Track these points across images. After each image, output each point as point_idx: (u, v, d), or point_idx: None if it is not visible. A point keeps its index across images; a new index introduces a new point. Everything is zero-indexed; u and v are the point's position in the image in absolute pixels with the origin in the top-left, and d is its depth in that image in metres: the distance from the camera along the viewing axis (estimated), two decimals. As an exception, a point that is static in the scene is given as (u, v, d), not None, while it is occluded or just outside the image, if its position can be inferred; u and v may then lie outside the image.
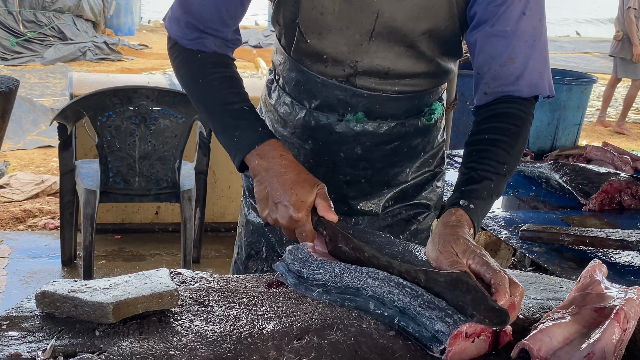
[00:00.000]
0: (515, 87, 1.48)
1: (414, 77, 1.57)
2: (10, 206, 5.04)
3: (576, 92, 3.23)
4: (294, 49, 1.58)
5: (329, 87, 1.58)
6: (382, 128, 1.62)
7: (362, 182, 1.67)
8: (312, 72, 1.58)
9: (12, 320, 1.18)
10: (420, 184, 1.73)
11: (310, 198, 1.40)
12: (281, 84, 1.68)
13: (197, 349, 1.12)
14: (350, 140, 1.62)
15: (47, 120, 7.10)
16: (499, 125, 1.46)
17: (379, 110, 1.59)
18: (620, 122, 9.30)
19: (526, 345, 1.18)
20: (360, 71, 1.55)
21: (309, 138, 1.65)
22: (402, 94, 1.59)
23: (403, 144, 1.66)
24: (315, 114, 1.62)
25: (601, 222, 2.32)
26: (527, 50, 1.47)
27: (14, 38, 11.95)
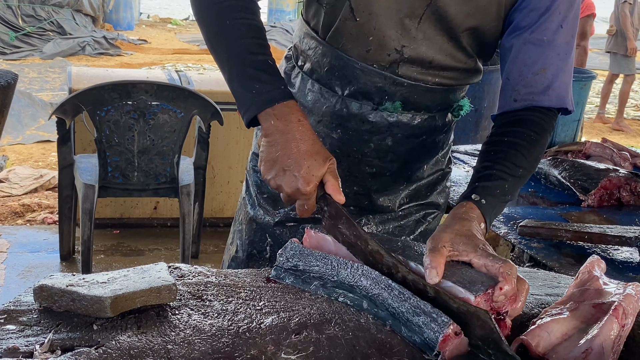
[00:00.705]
0: (544, 97, 1.49)
1: (453, 70, 1.56)
2: (9, 200, 5.04)
3: (575, 88, 3.21)
4: (334, 30, 1.51)
5: (369, 74, 1.53)
6: (416, 120, 1.60)
7: (387, 175, 1.65)
8: (350, 58, 1.53)
9: (10, 314, 1.17)
10: (432, 183, 1.74)
11: (320, 172, 1.33)
12: (307, 70, 1.61)
13: (195, 343, 1.12)
14: (382, 131, 1.59)
15: (45, 114, 7.10)
16: (520, 130, 1.47)
17: (415, 100, 1.57)
18: (618, 119, 9.30)
19: (524, 340, 1.18)
20: (406, 57, 1.51)
21: (338, 127, 1.60)
22: (439, 86, 1.57)
23: (429, 139, 1.65)
24: (348, 102, 1.57)
25: (600, 218, 2.32)
26: (559, 63, 1.48)
27: (13, 32, 11.95)
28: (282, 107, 1.37)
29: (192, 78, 4.63)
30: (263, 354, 1.11)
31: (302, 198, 1.34)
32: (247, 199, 1.78)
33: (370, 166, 1.64)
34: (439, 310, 1.15)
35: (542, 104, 1.49)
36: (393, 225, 1.71)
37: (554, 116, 1.52)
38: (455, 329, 1.13)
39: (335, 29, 1.52)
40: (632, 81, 9.37)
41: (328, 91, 1.59)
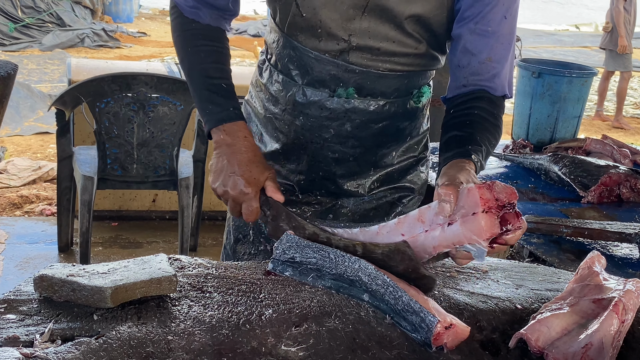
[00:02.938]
0: (491, 84, 1.58)
1: (402, 56, 1.61)
2: (7, 192, 5.04)
3: (576, 84, 3.22)
4: (288, 24, 1.61)
5: (322, 62, 1.61)
6: (372, 106, 1.65)
7: (351, 160, 1.71)
8: (305, 48, 1.62)
9: (10, 304, 1.17)
10: (405, 169, 1.78)
11: (262, 177, 1.52)
12: (273, 62, 1.71)
13: (195, 334, 1.12)
14: (340, 117, 1.66)
15: (44, 106, 7.08)
16: (484, 107, 1.56)
17: (369, 87, 1.63)
18: (618, 116, 9.30)
19: (524, 335, 1.18)
20: (354, 46, 1.58)
21: (300, 114, 1.68)
22: (392, 72, 1.63)
23: (391, 125, 1.70)
24: (307, 90, 1.65)
25: (600, 215, 2.32)
26: (503, 52, 1.57)
27: (12, 24, 11.91)
28: (231, 125, 1.57)
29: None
30: (263, 346, 1.11)
31: (246, 200, 1.50)
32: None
33: (333, 152, 1.70)
34: (426, 310, 1.16)
35: (489, 90, 1.58)
36: (368, 207, 1.76)
37: (502, 101, 1.61)
38: (444, 324, 1.13)
39: (289, 23, 1.61)
40: (629, 78, 9.35)
41: (290, 81, 1.68)
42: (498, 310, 1.28)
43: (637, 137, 8.64)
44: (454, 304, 1.28)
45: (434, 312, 1.15)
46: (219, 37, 1.66)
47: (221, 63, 1.64)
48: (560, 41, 17.00)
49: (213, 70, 1.62)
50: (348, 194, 1.74)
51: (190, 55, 1.63)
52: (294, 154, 1.72)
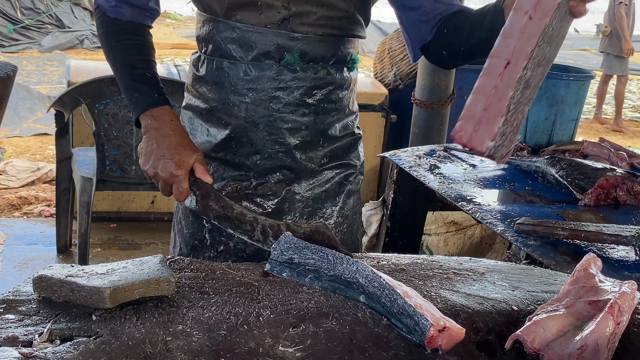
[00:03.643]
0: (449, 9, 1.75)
1: (336, 19, 1.75)
2: (6, 193, 5.04)
3: (574, 87, 3.23)
4: (227, 7, 1.71)
5: (265, 35, 1.72)
6: (315, 72, 1.78)
7: (303, 129, 1.81)
8: (246, 24, 1.72)
9: (9, 304, 1.18)
10: (346, 147, 1.91)
11: (190, 160, 1.62)
12: (210, 52, 1.79)
13: (193, 335, 1.13)
14: (289, 85, 1.77)
15: (43, 107, 7.09)
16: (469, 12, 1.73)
17: (312, 52, 1.76)
18: (617, 119, 9.31)
19: (520, 336, 1.19)
20: (294, 11, 1.70)
21: (248, 91, 1.77)
22: (329, 36, 1.77)
23: (333, 92, 1.83)
24: (253, 65, 1.75)
25: (597, 217, 2.33)
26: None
27: (12, 25, 11.91)
28: (158, 110, 1.68)
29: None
30: (261, 347, 1.12)
31: (176, 181, 1.61)
32: None
33: (286, 121, 1.79)
34: (419, 313, 1.16)
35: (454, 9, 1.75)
36: (319, 191, 1.87)
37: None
38: (437, 327, 1.14)
39: (226, 6, 1.71)
40: (626, 82, 9.37)
41: (233, 62, 1.76)
42: (494, 311, 1.29)
43: (634, 140, 8.66)
44: (451, 306, 1.29)
45: (428, 315, 1.16)
46: (141, 31, 1.77)
47: (144, 55, 1.74)
48: (559, 44, 16.99)
49: (136, 62, 1.72)
50: (302, 168, 1.83)
51: (115, 49, 1.74)
52: (246, 134, 1.79)
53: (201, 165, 1.64)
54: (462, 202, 2.42)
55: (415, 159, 2.85)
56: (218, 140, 1.81)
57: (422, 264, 1.54)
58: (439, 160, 2.89)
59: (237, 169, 1.82)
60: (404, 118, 4.76)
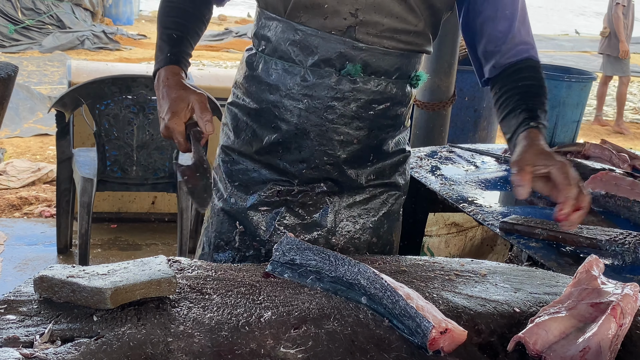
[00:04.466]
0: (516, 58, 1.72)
1: (404, 33, 1.67)
2: (7, 193, 5.04)
3: (575, 89, 3.23)
4: (291, 7, 1.63)
5: (329, 41, 1.64)
6: (376, 85, 1.70)
7: (355, 143, 1.74)
8: (309, 28, 1.64)
9: (10, 304, 1.18)
10: (395, 164, 1.84)
11: (181, 108, 1.57)
12: (269, 51, 1.72)
13: (195, 336, 1.13)
14: (346, 96, 1.69)
15: (44, 108, 7.09)
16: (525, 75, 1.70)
17: (374, 64, 1.67)
18: (618, 121, 9.31)
19: (522, 338, 1.18)
20: (360, 20, 1.62)
21: (304, 97, 1.69)
22: (395, 50, 1.68)
23: (391, 109, 1.76)
24: (312, 71, 1.67)
25: (597, 219, 2.32)
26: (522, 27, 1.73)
27: (12, 25, 11.92)
28: (161, 70, 1.65)
29: (191, 73, 4.62)
30: (262, 348, 1.11)
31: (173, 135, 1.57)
32: (215, 194, 1.85)
33: (338, 133, 1.72)
34: (421, 315, 1.16)
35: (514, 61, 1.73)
36: (359, 209, 1.80)
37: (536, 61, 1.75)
38: (439, 329, 1.14)
39: (291, 6, 1.63)
40: (628, 82, 9.37)
41: (291, 65, 1.69)
42: (496, 313, 1.29)
43: (636, 142, 8.65)
44: (453, 307, 1.29)
45: (429, 317, 1.15)
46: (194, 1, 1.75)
47: (180, 18, 1.72)
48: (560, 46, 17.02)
49: (170, 23, 1.71)
50: (349, 183, 1.77)
51: (160, 10, 1.75)
52: (296, 141, 1.72)
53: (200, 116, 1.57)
54: (464, 204, 2.42)
55: (417, 160, 2.85)
56: (265, 143, 1.74)
57: (424, 265, 1.54)
58: (440, 162, 2.89)
59: (280, 174, 1.75)
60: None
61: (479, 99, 4.76)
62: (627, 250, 1.95)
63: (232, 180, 1.80)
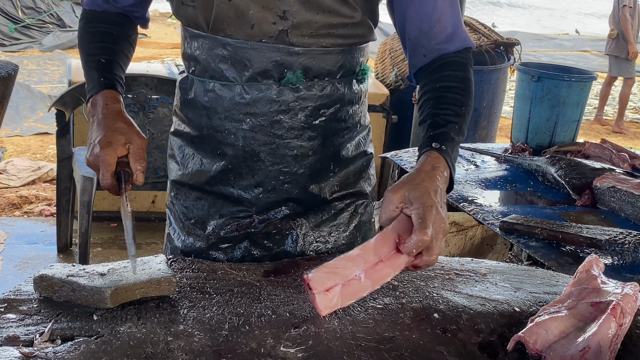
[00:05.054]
0: (449, 44, 1.58)
1: (341, 27, 1.54)
2: (7, 192, 5.04)
3: (576, 88, 3.23)
4: (214, 19, 1.50)
5: (261, 51, 1.51)
6: (321, 89, 1.57)
7: (311, 155, 1.61)
8: (238, 40, 1.51)
9: (10, 303, 1.18)
10: (358, 170, 1.70)
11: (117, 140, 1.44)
12: (199, 72, 1.59)
13: (195, 335, 1.13)
14: (292, 107, 1.56)
15: (44, 107, 7.09)
16: (446, 74, 1.55)
17: (316, 67, 1.55)
18: (618, 121, 9.31)
19: (522, 338, 1.18)
20: (292, 22, 1.49)
21: (245, 116, 1.56)
22: (334, 47, 1.56)
23: (342, 109, 1.62)
24: (249, 88, 1.54)
25: (598, 219, 2.32)
26: (449, 9, 1.57)
27: (13, 24, 11.91)
28: (96, 96, 1.53)
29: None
30: (262, 347, 1.11)
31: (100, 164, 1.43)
32: (173, 234, 1.72)
33: (290, 148, 1.59)
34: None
35: (448, 50, 1.57)
36: (328, 227, 1.66)
37: (467, 52, 1.61)
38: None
39: (213, 19, 1.50)
40: (632, 84, 9.37)
41: (225, 83, 1.56)
42: (496, 313, 1.29)
43: (636, 142, 8.65)
44: (453, 307, 1.29)
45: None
46: (111, 20, 1.64)
47: (105, 42, 1.61)
48: (560, 45, 17.00)
49: (94, 49, 1.60)
50: (311, 200, 1.63)
51: (80, 38, 1.65)
52: (246, 164, 1.59)
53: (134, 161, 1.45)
54: (464, 203, 2.42)
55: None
56: (213, 172, 1.60)
57: (424, 264, 1.53)
58: (440, 161, 2.88)
59: (236, 204, 1.60)
60: (405, 118, 4.76)
61: (478, 98, 4.76)
62: (627, 250, 1.95)
63: (188, 217, 1.67)
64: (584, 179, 2.52)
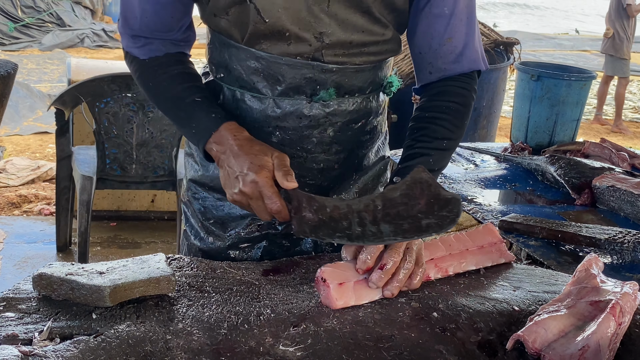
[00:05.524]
0: (456, 65, 1.56)
1: (373, 45, 1.53)
2: (6, 191, 5.04)
3: (575, 87, 3.22)
4: (249, 34, 1.48)
5: (295, 67, 1.50)
6: (351, 105, 1.57)
7: (336, 168, 1.62)
8: (273, 55, 1.49)
9: (9, 302, 1.17)
10: (376, 175, 1.72)
11: (267, 163, 1.38)
12: (229, 81, 1.57)
13: (194, 334, 1.12)
14: (322, 122, 1.56)
15: (44, 106, 7.09)
16: (439, 104, 1.55)
17: (347, 84, 1.55)
18: (617, 121, 9.31)
19: (521, 337, 1.18)
20: (327, 43, 1.48)
21: (275, 129, 1.56)
22: (366, 65, 1.55)
23: (368, 122, 1.63)
24: (280, 101, 1.53)
25: (597, 218, 2.32)
26: (463, 28, 1.54)
27: (12, 23, 11.91)
28: (218, 133, 1.45)
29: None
30: (261, 346, 1.11)
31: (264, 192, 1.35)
32: (190, 231, 1.71)
33: (317, 162, 1.60)
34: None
35: (455, 72, 1.56)
36: None
37: (472, 80, 1.59)
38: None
39: (249, 34, 1.48)
40: (627, 84, 9.38)
41: (256, 95, 1.54)
42: (495, 311, 1.28)
43: (635, 141, 8.65)
44: (452, 306, 1.28)
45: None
46: (177, 60, 1.57)
47: (187, 82, 1.54)
48: (560, 45, 17.01)
49: (181, 92, 1.52)
50: None
51: (154, 88, 1.56)
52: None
53: (279, 170, 1.38)
54: (463, 202, 2.42)
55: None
56: None
57: (423, 263, 1.53)
58: (439, 160, 2.88)
59: None
60: (404, 118, 4.75)
61: (478, 97, 4.74)
62: (626, 249, 1.95)
63: (207, 218, 1.67)
64: (583, 178, 2.52)
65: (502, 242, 1.53)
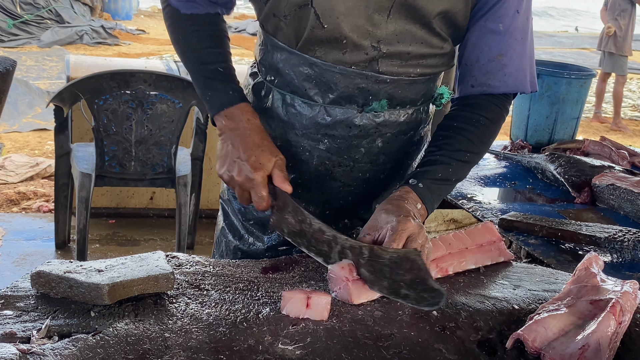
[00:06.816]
0: (500, 83, 1.53)
1: (430, 57, 1.51)
2: (5, 188, 5.03)
3: (575, 85, 3.22)
4: (305, 39, 1.46)
5: (349, 76, 1.47)
6: (402, 116, 1.55)
7: (382, 177, 1.61)
8: (326, 62, 1.47)
9: (7, 300, 1.17)
10: None
11: (268, 163, 1.43)
12: (280, 84, 1.55)
13: (193, 332, 1.12)
14: (371, 133, 1.54)
15: (42, 103, 7.07)
16: (470, 116, 1.53)
17: (400, 96, 1.52)
18: (616, 119, 9.31)
19: (521, 335, 1.18)
20: (384, 53, 1.46)
21: (324, 137, 1.54)
22: (421, 77, 1.53)
23: (416, 133, 1.62)
24: (331, 109, 1.51)
25: (597, 216, 2.32)
26: (516, 47, 1.51)
27: (11, 20, 11.89)
28: (233, 109, 1.48)
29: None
30: (260, 344, 1.11)
31: (252, 185, 1.42)
32: (228, 229, 1.72)
33: (363, 172, 1.59)
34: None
35: (497, 90, 1.54)
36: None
37: (507, 100, 1.57)
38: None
39: (305, 39, 1.46)
40: (624, 82, 9.38)
41: (307, 102, 1.53)
42: (495, 310, 1.28)
43: (635, 139, 8.65)
44: (452, 304, 1.28)
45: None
46: (212, 21, 1.56)
47: (215, 47, 1.54)
48: (560, 43, 17.01)
49: (207, 55, 1.53)
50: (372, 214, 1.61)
51: (183, 43, 1.56)
52: (317, 182, 1.58)
53: (280, 171, 1.43)
54: (463, 200, 2.42)
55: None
56: None
57: (423, 262, 1.53)
58: (439, 158, 2.88)
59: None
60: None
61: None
62: (626, 248, 1.95)
63: (247, 218, 1.68)
64: (583, 177, 2.52)
65: (502, 240, 1.53)
